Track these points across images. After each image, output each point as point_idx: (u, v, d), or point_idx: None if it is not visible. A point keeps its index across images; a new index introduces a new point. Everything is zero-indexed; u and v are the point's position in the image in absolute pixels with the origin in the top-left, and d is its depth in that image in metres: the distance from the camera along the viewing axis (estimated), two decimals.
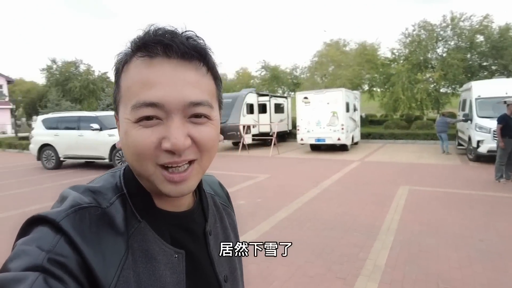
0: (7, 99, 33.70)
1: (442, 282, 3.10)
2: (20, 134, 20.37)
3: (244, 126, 13.66)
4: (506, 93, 10.34)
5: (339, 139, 12.43)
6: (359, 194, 6.49)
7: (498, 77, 14.13)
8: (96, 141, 9.95)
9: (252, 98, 15.43)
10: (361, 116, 18.29)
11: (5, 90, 36.54)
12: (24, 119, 38.90)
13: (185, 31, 0.54)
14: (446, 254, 3.68)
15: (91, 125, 10.01)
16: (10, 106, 28.78)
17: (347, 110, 12.90)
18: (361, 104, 29.05)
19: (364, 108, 30.51)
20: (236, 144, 14.51)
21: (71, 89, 33.02)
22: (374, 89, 24.54)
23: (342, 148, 13.09)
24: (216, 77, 0.58)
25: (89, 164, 11.21)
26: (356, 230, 4.52)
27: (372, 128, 19.87)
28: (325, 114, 12.65)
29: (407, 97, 18.02)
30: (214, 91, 0.57)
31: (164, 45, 0.51)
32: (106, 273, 0.49)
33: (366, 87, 25.21)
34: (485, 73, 19.32)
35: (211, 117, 0.55)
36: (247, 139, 14.06)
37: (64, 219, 0.49)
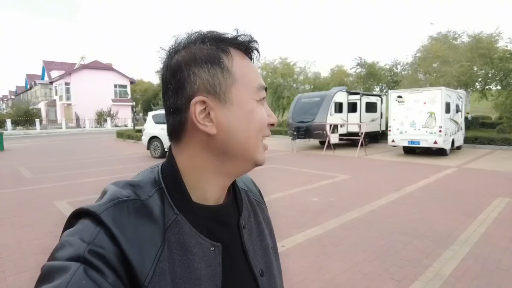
0: (129, 97, 39.57)
1: None
2: (137, 127, 23.81)
3: (330, 125, 13.56)
4: None
5: (435, 142, 11.40)
6: (444, 202, 6.01)
7: None
8: None
9: (341, 97, 15.16)
10: (466, 118, 16.32)
11: (128, 90, 42.97)
12: (141, 114, 45.16)
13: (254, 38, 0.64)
14: None
15: None
16: (131, 103, 33.70)
17: (447, 111, 11.73)
18: (472, 105, 25.71)
19: (477, 109, 26.85)
20: (323, 143, 14.46)
21: None
22: (487, 87, 21.41)
23: (440, 152, 11.94)
24: None
25: None
26: (428, 237, 4.30)
27: (482, 131, 17.50)
28: (421, 114, 11.72)
29: None
30: None
31: (254, 50, 0.63)
32: (143, 265, 0.51)
33: (478, 86, 22.15)
34: None
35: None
36: (334, 138, 13.91)
37: (104, 212, 0.52)
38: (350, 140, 15.03)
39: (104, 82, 42.22)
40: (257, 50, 0.63)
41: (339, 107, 15.01)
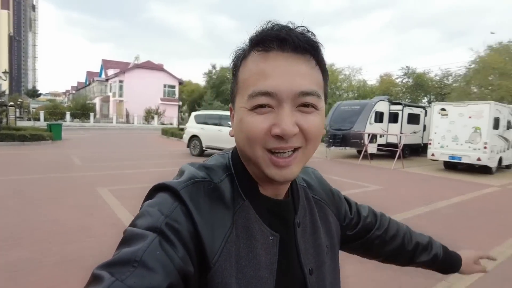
0: (176, 97, 41.41)
1: None
2: (181, 126, 24.98)
3: (369, 135, 13.35)
4: None
5: (479, 159, 10.82)
6: (476, 221, 5.79)
7: None
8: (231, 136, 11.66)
9: (382, 106, 14.85)
10: None
11: (176, 90, 44.97)
12: (187, 114, 47.01)
13: (298, 26, 0.57)
14: None
15: (229, 122, 11.77)
16: (178, 103, 35.41)
17: (496, 127, 11.08)
18: None
19: None
20: (360, 152, 14.26)
21: (223, 91, 38.13)
22: None
23: (484, 170, 11.31)
24: (324, 70, 0.60)
25: None
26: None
27: None
28: (465, 129, 11.20)
29: None
30: (322, 83, 0.60)
31: (279, 39, 0.55)
32: (213, 243, 0.53)
33: None
34: None
35: (318, 107, 0.57)
36: (371, 148, 13.66)
37: (183, 189, 0.55)
38: (389, 151, 14.66)
39: (155, 82, 44.66)
40: (279, 38, 0.55)
41: (379, 117, 14.72)
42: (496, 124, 11.15)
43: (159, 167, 9.88)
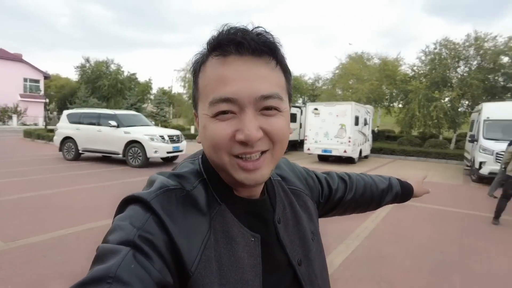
0: (41, 93, 35.84)
1: (385, 283, 3.40)
2: (49, 127, 21.76)
3: None
4: None
5: (345, 152, 12.63)
6: None
7: (510, 100, 13.85)
8: (112, 137, 10.63)
9: None
10: (373, 131, 18.31)
11: (41, 85, 38.91)
12: (55, 113, 41.17)
13: (256, 27, 0.56)
14: (401, 261, 3.95)
15: (109, 122, 10.77)
16: (44, 100, 30.67)
17: (356, 124, 13.09)
18: (382, 119, 28.92)
19: (385, 123, 30.26)
20: None
21: (100, 87, 34.78)
22: (392, 104, 24.43)
23: (349, 160, 13.26)
24: (285, 70, 0.60)
25: (105, 158, 11.97)
26: (328, 234, 4.83)
27: (387, 143, 19.81)
28: (333, 126, 12.89)
29: (423, 115, 17.91)
30: (284, 84, 0.59)
31: (236, 43, 0.53)
32: (190, 251, 0.52)
33: (385, 103, 25.12)
34: (508, 95, 18.89)
35: (281, 108, 0.57)
36: None
37: (154, 199, 0.53)
38: None
39: (11, 75, 37.54)
40: (235, 42, 0.54)
41: None
42: (357, 121, 13.17)
43: (29, 175, 8.44)
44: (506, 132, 10.04)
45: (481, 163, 9.55)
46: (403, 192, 1.07)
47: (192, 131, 24.81)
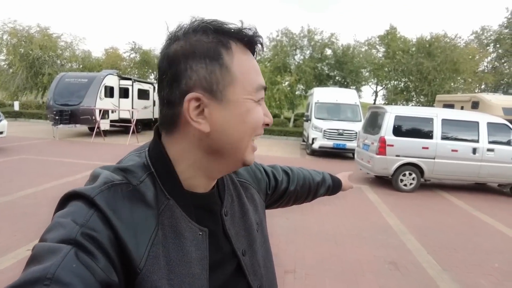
0: None
1: None
2: None
3: (100, 110, 12.65)
4: (337, 100, 12.55)
5: None
6: None
7: (333, 86, 16.88)
8: None
9: (112, 81, 14.30)
10: None
11: None
12: None
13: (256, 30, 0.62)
14: None
15: None
16: None
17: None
18: None
19: None
20: (92, 130, 13.26)
21: None
22: None
23: None
24: None
25: None
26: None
27: None
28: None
29: (268, 97, 19.76)
30: None
31: (260, 44, 0.61)
32: (138, 248, 0.50)
33: None
34: (330, 82, 22.83)
35: None
36: (104, 125, 13.07)
37: (98, 195, 0.51)
38: (122, 127, 14.56)
39: None
40: (261, 44, 0.61)
41: (110, 92, 14.15)
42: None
43: None
44: (330, 113, 12.24)
45: (313, 139, 11.32)
46: (334, 186, 1.17)
47: (16, 107, 20.05)
